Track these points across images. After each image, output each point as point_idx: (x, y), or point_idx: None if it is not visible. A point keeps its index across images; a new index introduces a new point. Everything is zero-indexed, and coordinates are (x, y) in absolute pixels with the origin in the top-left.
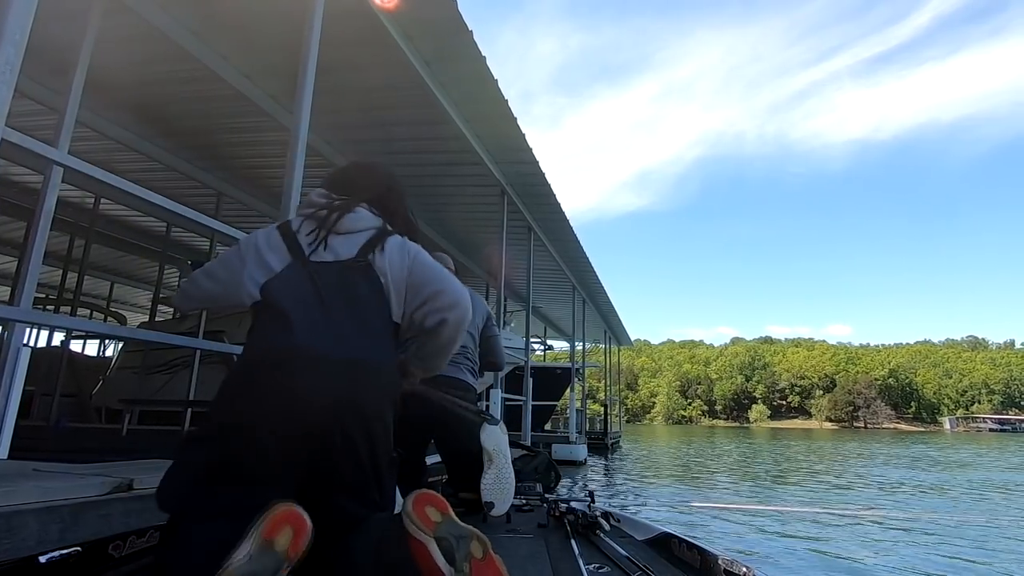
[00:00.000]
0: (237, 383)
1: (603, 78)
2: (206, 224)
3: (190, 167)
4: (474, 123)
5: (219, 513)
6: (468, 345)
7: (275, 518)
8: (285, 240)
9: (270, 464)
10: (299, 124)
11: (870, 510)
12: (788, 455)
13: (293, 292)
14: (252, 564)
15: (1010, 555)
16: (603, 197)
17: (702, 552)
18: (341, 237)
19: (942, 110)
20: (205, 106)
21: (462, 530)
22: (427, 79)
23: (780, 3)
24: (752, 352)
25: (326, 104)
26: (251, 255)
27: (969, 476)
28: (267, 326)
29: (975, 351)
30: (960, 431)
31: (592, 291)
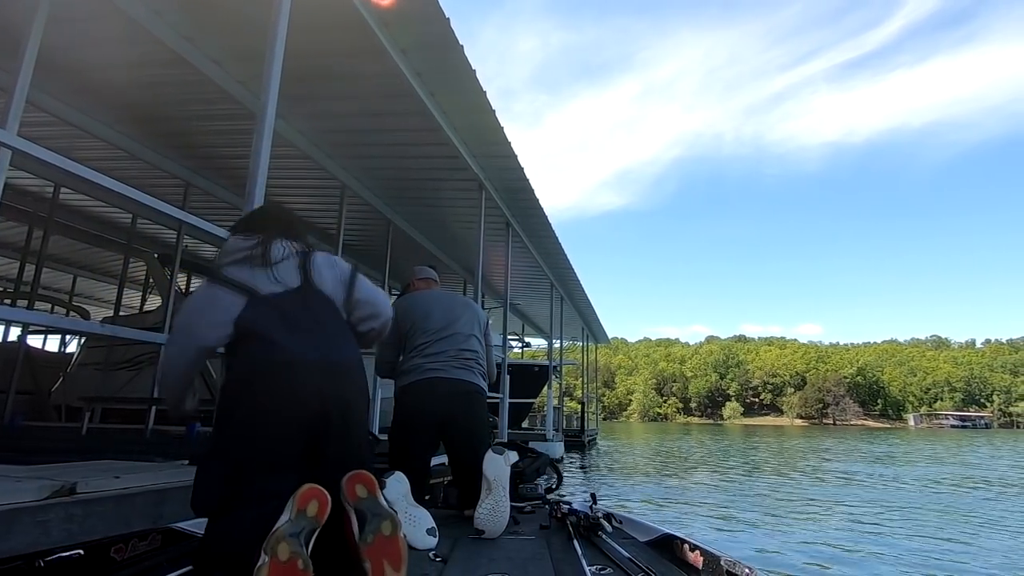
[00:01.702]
0: (243, 393)
1: (584, 77)
2: (172, 215)
3: (156, 156)
4: (451, 115)
5: (251, 501)
6: (477, 350)
7: (304, 495)
8: (230, 289)
9: (284, 453)
10: (266, 109)
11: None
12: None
13: (264, 319)
14: (293, 526)
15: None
16: (583, 196)
17: (705, 553)
18: (277, 266)
19: (912, 115)
20: (170, 92)
21: (380, 509)
22: (403, 68)
23: (758, 7)
24: (726, 350)
25: (298, 92)
26: (200, 323)
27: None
28: (253, 346)
29: (938, 350)
30: (923, 427)
31: (570, 288)
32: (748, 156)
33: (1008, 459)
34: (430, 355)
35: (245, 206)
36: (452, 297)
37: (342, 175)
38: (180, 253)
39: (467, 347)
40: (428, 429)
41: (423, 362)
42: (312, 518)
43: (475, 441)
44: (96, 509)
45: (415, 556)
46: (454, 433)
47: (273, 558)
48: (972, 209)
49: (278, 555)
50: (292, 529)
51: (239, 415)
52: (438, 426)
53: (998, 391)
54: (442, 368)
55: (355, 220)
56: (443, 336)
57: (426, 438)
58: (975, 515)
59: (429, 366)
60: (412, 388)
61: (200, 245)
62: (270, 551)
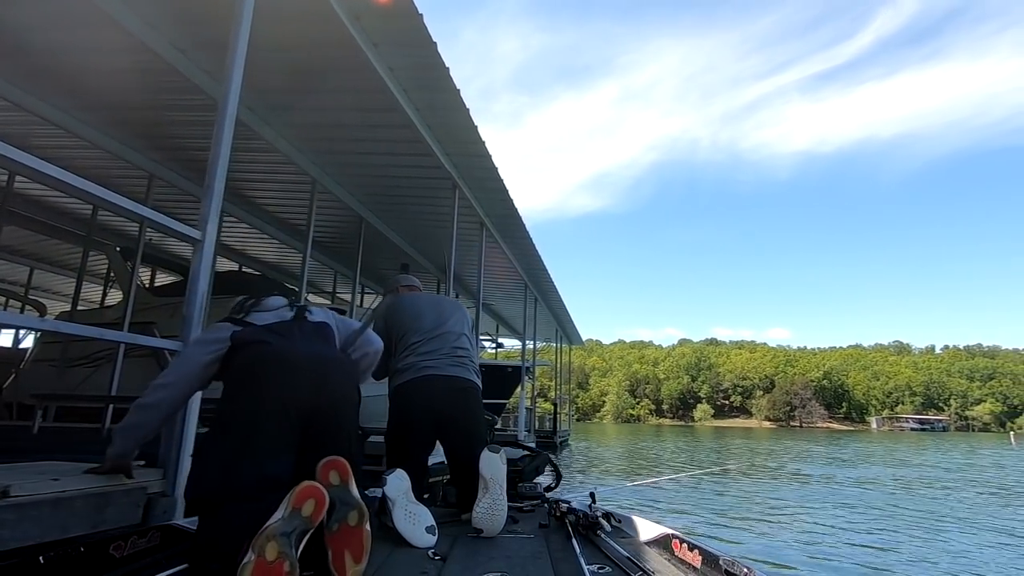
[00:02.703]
0: (243, 380)
1: (564, 79)
2: (132, 209)
3: (118, 146)
4: (424, 113)
5: (249, 490)
6: (469, 347)
7: (301, 492)
8: (228, 322)
9: (281, 437)
10: (227, 97)
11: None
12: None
13: (259, 333)
14: (286, 524)
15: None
16: (561, 198)
17: (704, 552)
18: (270, 312)
19: (881, 127)
20: (133, 80)
21: (350, 499)
22: (375, 63)
23: (735, 17)
24: (698, 353)
25: (267, 84)
26: (195, 345)
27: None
28: (251, 347)
29: (900, 355)
30: (885, 430)
31: (544, 290)
32: (723, 162)
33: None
34: (424, 353)
35: (204, 198)
36: (440, 298)
37: (313, 171)
38: (142, 246)
39: (459, 345)
40: (426, 426)
41: (418, 360)
42: (307, 518)
43: (473, 438)
44: (30, 513)
45: (415, 554)
46: (452, 430)
47: (260, 557)
48: (934, 219)
49: (265, 554)
50: (284, 528)
51: (239, 400)
52: (436, 423)
53: (955, 395)
54: (437, 366)
55: (326, 216)
56: (436, 335)
57: (424, 435)
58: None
59: (424, 364)
60: (409, 386)
61: (165, 239)
62: (258, 549)
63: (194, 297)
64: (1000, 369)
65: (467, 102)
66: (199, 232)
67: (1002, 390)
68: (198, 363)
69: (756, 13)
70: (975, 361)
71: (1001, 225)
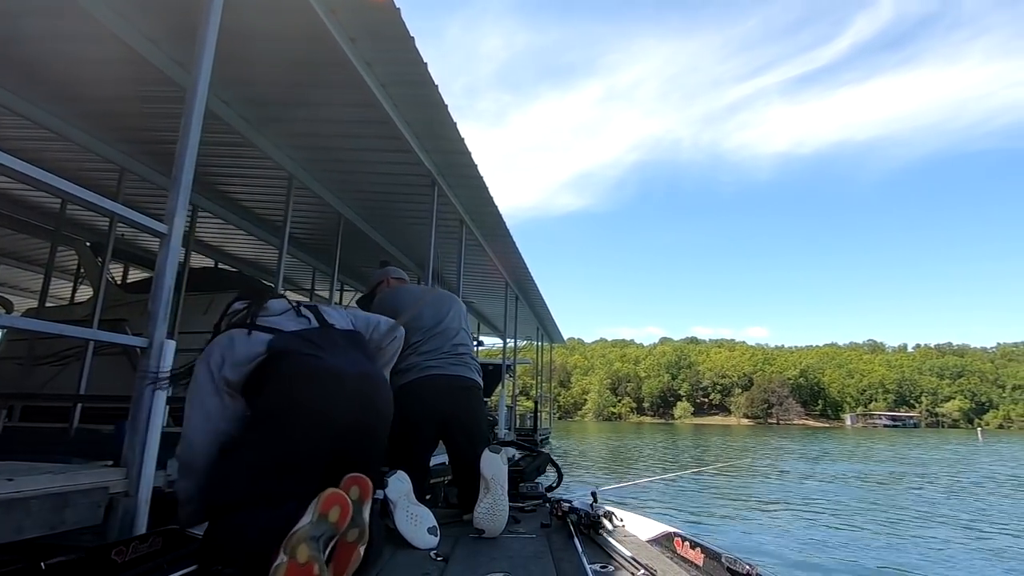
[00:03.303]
0: (290, 390)
1: (548, 78)
2: (96, 203)
3: (88, 138)
4: (402, 108)
5: (271, 500)
6: (468, 343)
7: (328, 499)
8: (255, 329)
9: (316, 456)
10: (196, 86)
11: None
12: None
13: (297, 342)
14: (314, 529)
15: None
16: (544, 197)
17: (706, 551)
18: (282, 316)
19: (857, 130)
20: (102, 70)
21: (359, 519)
22: (351, 57)
23: (717, 19)
24: (679, 352)
25: (241, 75)
26: (227, 350)
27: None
28: (295, 358)
29: (874, 354)
30: (859, 427)
31: (525, 288)
32: (704, 163)
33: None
34: (425, 352)
35: (171, 191)
36: (436, 292)
37: (290, 166)
38: (112, 242)
39: (459, 341)
40: (430, 427)
41: (420, 360)
42: (333, 524)
43: (476, 438)
44: None
45: (417, 555)
46: (456, 430)
47: (292, 559)
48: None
49: (297, 557)
50: (313, 532)
51: (280, 408)
52: (439, 424)
53: (926, 393)
54: (440, 365)
55: (303, 212)
56: (436, 332)
57: (427, 436)
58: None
59: (427, 364)
60: (412, 387)
61: (139, 235)
62: (290, 551)
63: (160, 293)
64: (968, 367)
65: (451, 99)
66: (166, 226)
67: (970, 388)
68: (224, 374)
69: (738, 16)
70: (945, 359)
71: (971, 227)
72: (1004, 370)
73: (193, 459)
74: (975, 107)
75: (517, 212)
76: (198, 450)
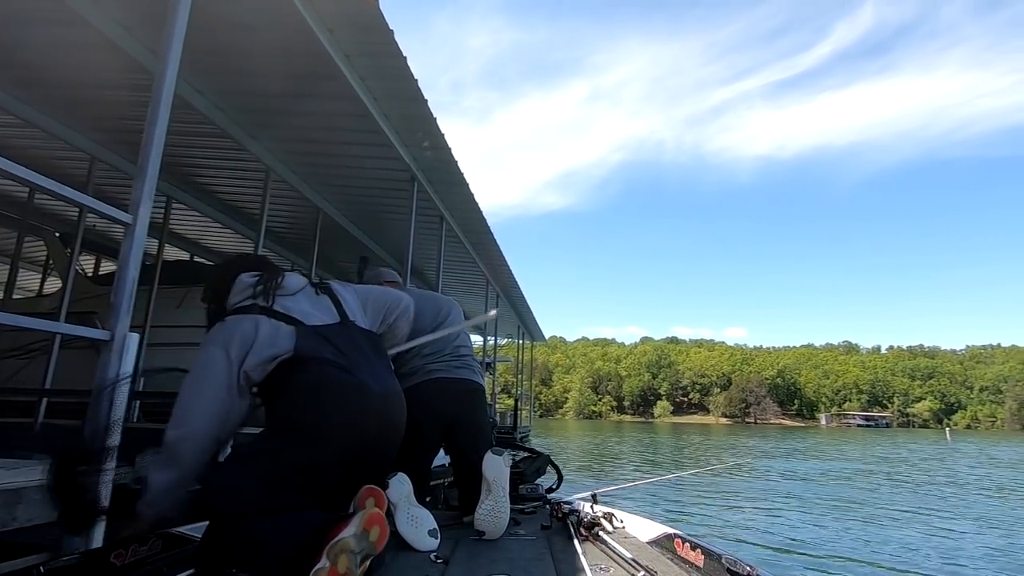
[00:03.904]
0: (313, 401)
1: (534, 77)
2: (62, 194)
3: (57, 125)
4: (381, 102)
5: (282, 510)
6: (469, 345)
7: (371, 516)
8: (275, 318)
9: (331, 471)
10: (165, 72)
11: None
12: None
13: (323, 346)
14: (357, 543)
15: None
16: (528, 195)
17: (706, 552)
18: (298, 295)
19: (836, 135)
20: (72, 56)
21: (367, 548)
22: (329, 48)
23: (702, 22)
24: (659, 351)
25: (215, 65)
26: (250, 340)
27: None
28: (320, 366)
29: (849, 355)
30: (833, 426)
31: (506, 285)
32: (688, 164)
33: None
34: (429, 355)
35: (137, 180)
36: (434, 295)
37: (267, 158)
38: (81, 232)
39: (461, 343)
40: (434, 431)
41: (424, 363)
42: (372, 543)
43: (481, 441)
44: None
45: (417, 557)
46: (460, 433)
47: (333, 566)
48: (883, 226)
49: (338, 565)
50: (355, 546)
51: (305, 422)
52: (444, 427)
53: (898, 393)
54: (445, 368)
55: (281, 205)
56: (437, 335)
57: (431, 440)
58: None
59: (431, 367)
60: (418, 390)
61: (112, 226)
62: (332, 558)
63: (123, 285)
64: (939, 369)
65: (437, 96)
66: (130, 216)
67: (940, 389)
68: (239, 368)
69: (723, 19)
70: (917, 361)
71: (944, 233)
72: (972, 372)
73: (185, 451)
74: (949, 115)
75: (501, 210)
76: (196, 444)
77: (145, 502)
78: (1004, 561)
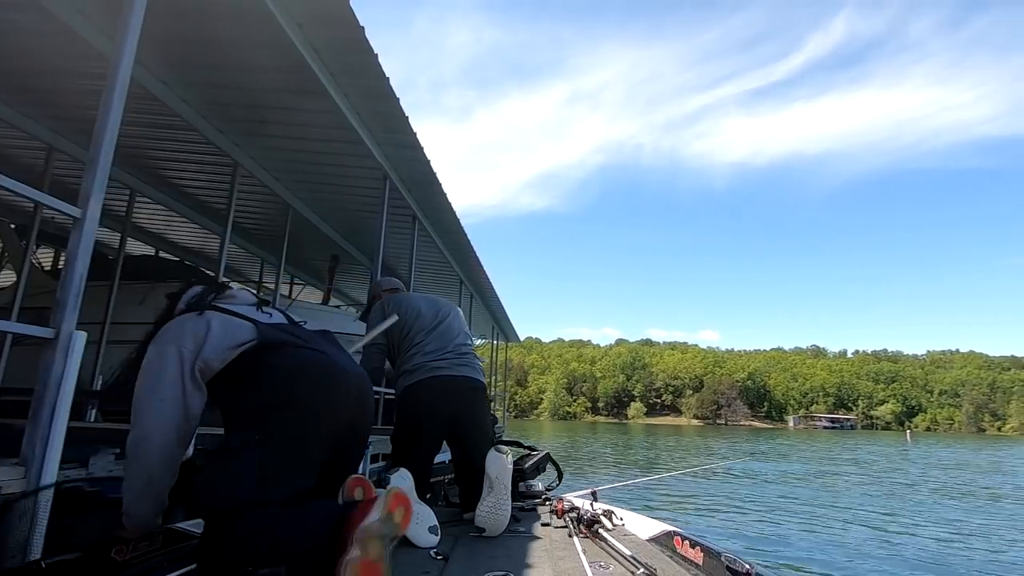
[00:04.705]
0: (296, 384)
1: (515, 77)
2: (11, 188)
3: (12, 113)
4: (352, 98)
5: (276, 501)
6: (471, 343)
7: (396, 497)
8: (231, 316)
9: (320, 451)
10: (120, 61)
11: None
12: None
13: (287, 334)
14: (383, 527)
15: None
16: (508, 195)
17: (705, 550)
18: (246, 306)
19: (808, 144)
20: (27, 42)
21: (394, 531)
22: (296, 41)
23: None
24: (634, 353)
25: (180, 56)
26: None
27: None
28: (293, 350)
29: (816, 358)
30: (801, 428)
31: (480, 286)
32: (665, 168)
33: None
34: (430, 352)
35: (87, 173)
36: (434, 297)
37: (235, 152)
38: (37, 224)
39: (462, 342)
40: (436, 428)
41: (426, 360)
42: (397, 524)
43: (481, 439)
44: None
45: (417, 554)
46: (462, 431)
47: (365, 555)
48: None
49: (369, 552)
50: (382, 530)
51: (290, 406)
52: (447, 425)
53: (863, 396)
54: (447, 366)
55: (250, 201)
56: (437, 332)
57: (433, 437)
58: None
59: (433, 364)
60: (420, 387)
61: None
62: (362, 547)
63: (70, 280)
64: (901, 373)
65: (416, 94)
66: (79, 209)
67: (902, 392)
68: (196, 363)
69: (701, 27)
70: (881, 365)
71: (907, 240)
72: (932, 376)
73: (149, 451)
74: (916, 127)
75: (480, 210)
76: (157, 442)
77: (123, 511)
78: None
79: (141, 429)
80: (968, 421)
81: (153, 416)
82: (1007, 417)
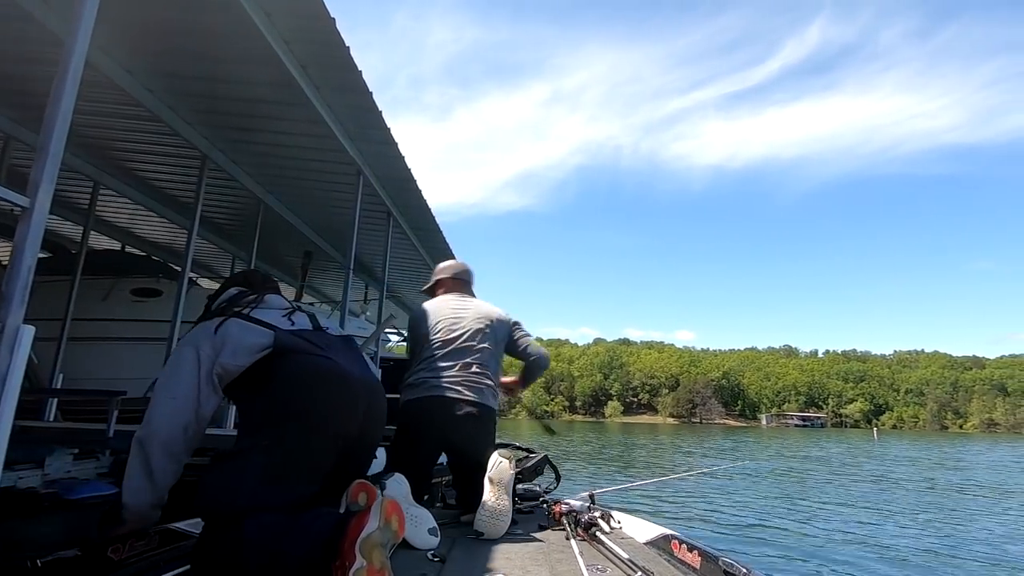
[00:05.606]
0: (302, 391)
1: (496, 76)
2: None
3: None
4: (324, 91)
5: (280, 506)
6: (488, 363)
7: (391, 505)
8: (252, 323)
9: (326, 458)
10: (73, 46)
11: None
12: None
13: (301, 342)
14: (382, 535)
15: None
16: (487, 194)
17: (703, 553)
18: (280, 312)
19: (783, 148)
20: None
21: (392, 538)
22: (265, 32)
23: (661, 31)
24: (611, 352)
25: (143, 44)
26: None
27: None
28: (303, 357)
29: (789, 358)
30: (773, 426)
31: None
32: (643, 170)
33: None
34: (436, 369)
35: (37, 162)
36: (467, 304)
37: (203, 145)
38: None
39: (478, 360)
40: (430, 447)
41: (429, 377)
42: (395, 532)
43: (479, 457)
44: None
45: (414, 556)
46: (459, 456)
47: (370, 564)
48: (822, 235)
49: (373, 561)
50: (382, 539)
51: (297, 413)
52: (440, 445)
53: (833, 395)
54: (448, 386)
55: (220, 195)
56: (450, 348)
57: (428, 453)
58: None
59: (435, 383)
60: (416, 405)
61: None
62: (367, 555)
63: (17, 273)
64: (869, 372)
65: (396, 90)
66: (27, 200)
67: (870, 391)
68: (213, 367)
69: (680, 31)
70: (850, 364)
71: (877, 243)
72: (899, 375)
73: (154, 449)
74: (885, 133)
75: (460, 208)
76: (164, 440)
77: (121, 503)
78: None
79: (149, 423)
80: (932, 419)
81: (162, 412)
82: (968, 415)
